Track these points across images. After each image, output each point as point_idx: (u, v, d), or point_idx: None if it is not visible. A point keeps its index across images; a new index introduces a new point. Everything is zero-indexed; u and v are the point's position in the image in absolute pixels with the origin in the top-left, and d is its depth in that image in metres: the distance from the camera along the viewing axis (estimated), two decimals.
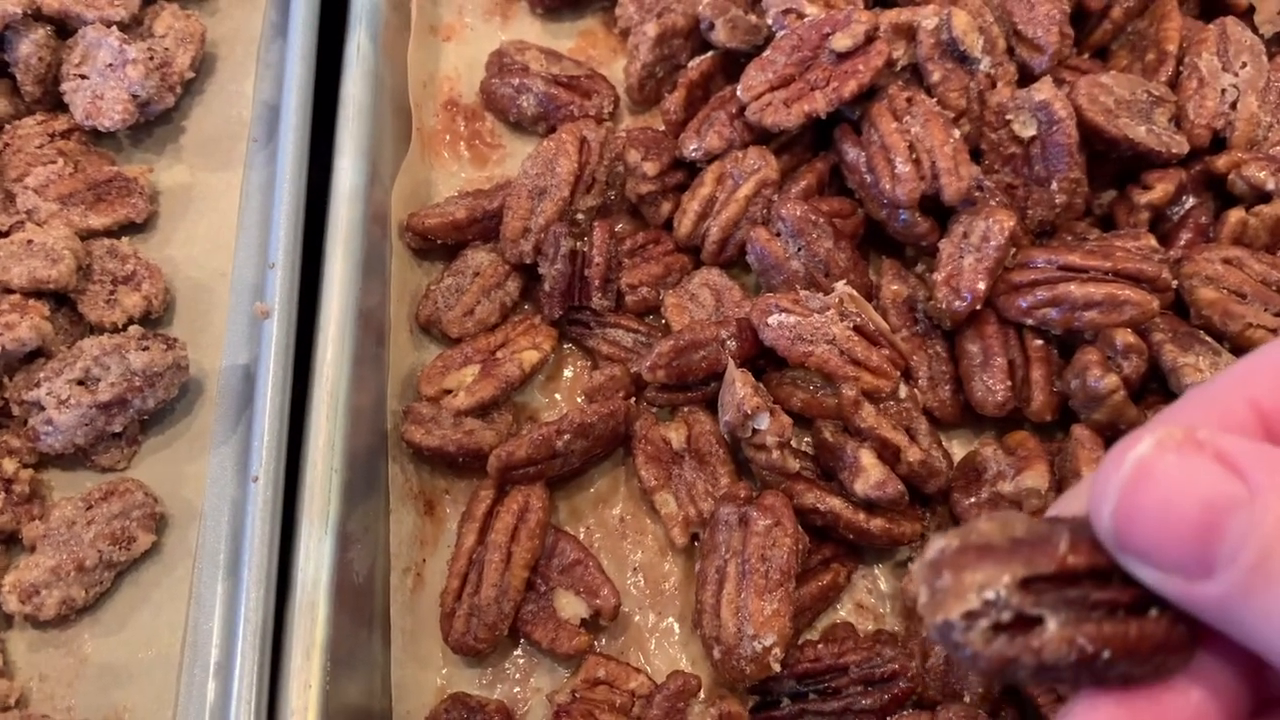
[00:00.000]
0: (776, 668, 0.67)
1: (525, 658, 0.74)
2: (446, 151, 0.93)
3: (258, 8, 0.96)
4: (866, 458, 0.70)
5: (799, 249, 0.80)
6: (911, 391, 0.78)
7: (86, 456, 0.77)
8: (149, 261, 0.83)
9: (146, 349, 0.76)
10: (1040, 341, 0.77)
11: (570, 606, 0.72)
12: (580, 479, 0.80)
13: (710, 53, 0.90)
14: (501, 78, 0.92)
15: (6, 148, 0.86)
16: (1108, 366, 0.72)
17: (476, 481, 0.77)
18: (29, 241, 0.79)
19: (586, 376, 0.83)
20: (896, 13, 0.83)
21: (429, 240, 0.85)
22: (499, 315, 0.83)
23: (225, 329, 0.82)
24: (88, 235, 0.84)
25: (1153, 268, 0.74)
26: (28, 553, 0.73)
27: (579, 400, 0.82)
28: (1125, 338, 0.72)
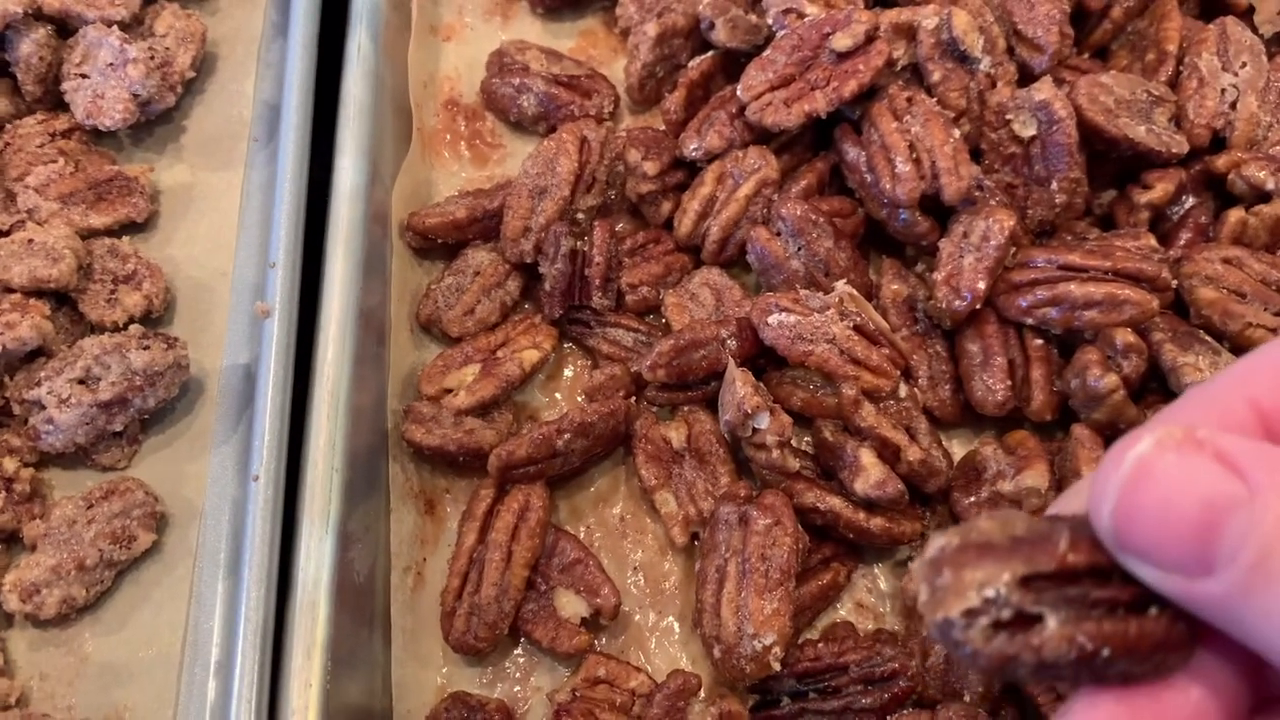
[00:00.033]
0: (776, 667, 0.67)
1: (525, 657, 0.74)
2: (447, 151, 0.93)
3: (258, 7, 0.96)
4: (866, 457, 0.70)
5: (799, 248, 0.80)
6: (911, 391, 0.78)
7: (87, 455, 0.77)
8: (150, 261, 0.83)
9: (147, 348, 0.76)
10: (1040, 341, 0.77)
11: (570, 605, 0.72)
12: (580, 478, 0.80)
13: (710, 52, 0.90)
14: (502, 77, 0.92)
15: (7, 147, 0.86)
16: (1108, 366, 0.72)
17: (477, 481, 0.77)
18: (30, 241, 0.79)
19: (587, 376, 0.83)
20: (897, 12, 0.83)
21: (429, 240, 0.85)
22: (499, 314, 0.83)
23: (226, 328, 0.82)
24: (88, 234, 0.84)
25: (1153, 267, 0.74)
26: (28, 552, 0.73)
27: (579, 399, 0.82)
28: (1125, 337, 0.72)
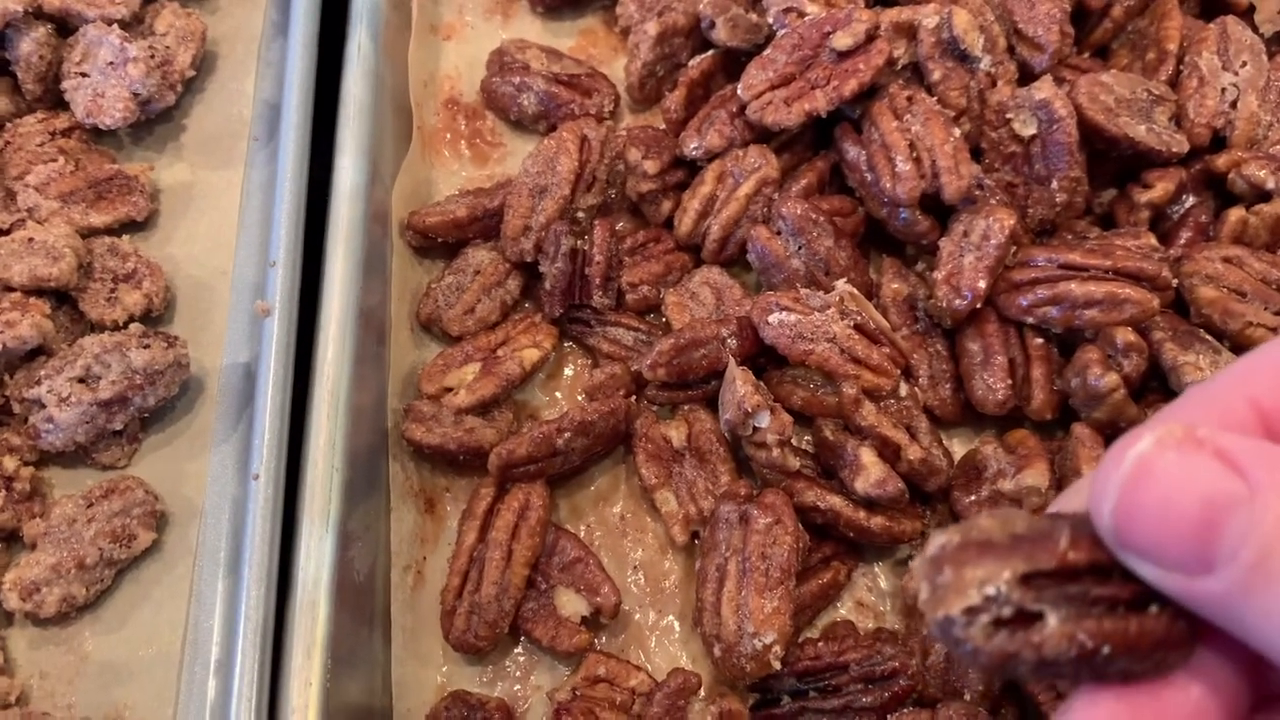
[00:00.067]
0: (777, 665, 0.67)
1: (526, 655, 0.74)
2: (447, 150, 0.93)
3: (258, 6, 0.96)
4: (867, 456, 0.70)
5: (799, 247, 0.80)
6: (912, 390, 0.78)
7: (87, 454, 0.77)
8: (150, 259, 0.83)
9: (147, 347, 0.76)
10: (1040, 340, 0.77)
11: (571, 604, 0.72)
12: (581, 477, 0.80)
13: (711, 51, 0.90)
14: (502, 76, 0.92)
15: (7, 146, 0.86)
16: (1108, 365, 0.72)
17: (477, 479, 0.77)
18: (30, 239, 0.79)
19: (587, 375, 0.83)
20: (897, 11, 0.83)
21: (430, 238, 0.85)
22: (500, 313, 0.83)
23: (226, 327, 0.82)
24: (88, 233, 0.84)
25: (1153, 266, 0.74)
26: (28, 550, 0.73)
27: (579, 398, 0.82)
28: (1125, 336, 0.72)
